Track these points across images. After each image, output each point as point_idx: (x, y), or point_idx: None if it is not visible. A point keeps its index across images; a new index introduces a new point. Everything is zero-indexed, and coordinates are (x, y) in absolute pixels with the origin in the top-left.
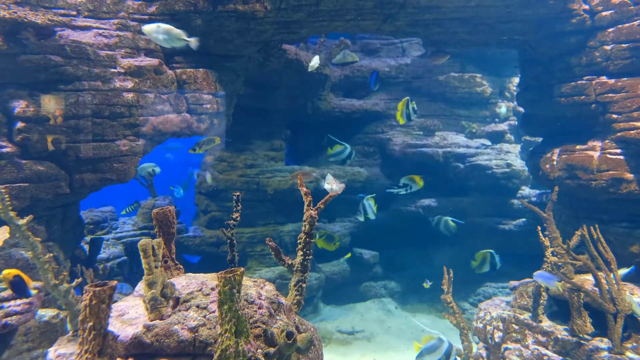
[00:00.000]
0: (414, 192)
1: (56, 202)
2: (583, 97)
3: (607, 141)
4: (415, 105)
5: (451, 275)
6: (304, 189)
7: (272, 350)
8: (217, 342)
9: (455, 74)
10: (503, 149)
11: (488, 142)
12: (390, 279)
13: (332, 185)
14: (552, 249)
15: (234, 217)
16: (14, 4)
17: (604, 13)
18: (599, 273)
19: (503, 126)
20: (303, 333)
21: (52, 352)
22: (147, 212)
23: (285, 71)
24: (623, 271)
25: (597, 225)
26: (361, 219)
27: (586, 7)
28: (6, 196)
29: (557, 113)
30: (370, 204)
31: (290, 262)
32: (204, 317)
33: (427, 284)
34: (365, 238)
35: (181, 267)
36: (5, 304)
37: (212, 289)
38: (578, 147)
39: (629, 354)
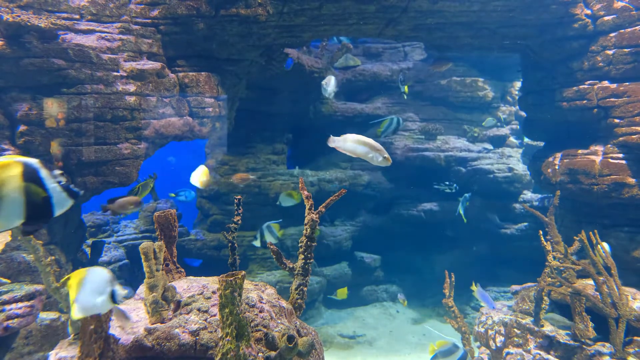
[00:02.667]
0: (415, 196)
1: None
2: (585, 101)
3: (609, 146)
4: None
5: (453, 279)
6: (306, 193)
7: (273, 353)
8: (218, 346)
9: (457, 78)
10: (505, 153)
11: (490, 146)
12: (391, 282)
13: (331, 82)
14: (553, 253)
15: (235, 220)
16: (17, 7)
17: (606, 18)
18: (600, 278)
19: (505, 130)
20: (304, 337)
21: (53, 355)
22: (148, 216)
23: (287, 75)
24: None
25: (596, 230)
26: (257, 244)
27: (588, 12)
28: None
29: (559, 117)
30: (272, 228)
31: (291, 266)
32: (205, 320)
33: (403, 300)
34: (366, 242)
35: (182, 270)
36: (7, 307)
37: (214, 292)
38: (580, 151)
39: (631, 359)
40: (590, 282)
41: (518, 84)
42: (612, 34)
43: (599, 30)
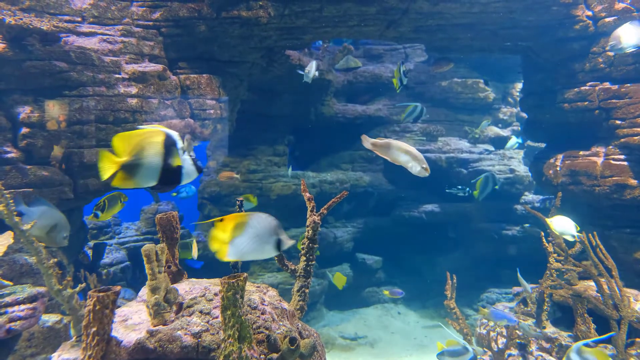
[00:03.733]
0: (416, 197)
1: (60, 207)
2: (586, 103)
3: (610, 147)
4: (406, 69)
5: (454, 280)
6: (307, 194)
7: (275, 355)
8: (221, 348)
9: (458, 80)
10: (506, 155)
11: (491, 148)
12: (393, 284)
13: (312, 68)
14: (555, 254)
15: None
16: (19, 10)
17: (607, 19)
18: (602, 279)
19: (506, 131)
20: (306, 339)
21: (55, 357)
22: (150, 218)
23: (289, 77)
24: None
25: (595, 232)
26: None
27: (589, 13)
28: (11, 201)
29: (561, 119)
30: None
31: (293, 268)
32: (207, 322)
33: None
34: (368, 243)
35: (184, 272)
36: (9, 309)
37: (216, 294)
38: (582, 152)
39: None
40: (592, 283)
41: (519, 85)
42: None
43: (600, 31)
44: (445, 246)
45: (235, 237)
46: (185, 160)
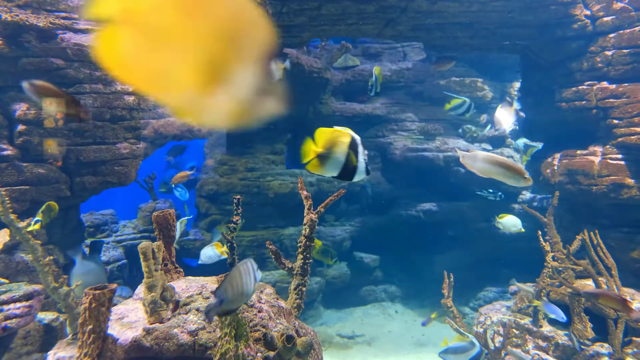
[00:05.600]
0: (414, 196)
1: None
2: (584, 102)
3: (608, 146)
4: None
5: (452, 279)
6: (305, 193)
7: (271, 353)
8: (217, 346)
9: (457, 79)
10: (504, 154)
11: (489, 147)
12: (390, 283)
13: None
14: (552, 253)
15: (234, 220)
16: (15, 7)
17: (605, 19)
18: (600, 278)
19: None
20: (303, 337)
21: (51, 355)
22: (147, 215)
23: (286, 75)
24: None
25: (597, 231)
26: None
27: (587, 12)
28: (7, 199)
29: (558, 118)
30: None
31: (290, 266)
32: (204, 320)
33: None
34: (365, 242)
35: (181, 270)
36: (5, 307)
37: (212, 292)
38: (579, 152)
39: (630, 359)
40: (589, 282)
41: (517, 85)
42: (612, 35)
43: (598, 31)
44: (442, 245)
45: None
46: (360, 162)
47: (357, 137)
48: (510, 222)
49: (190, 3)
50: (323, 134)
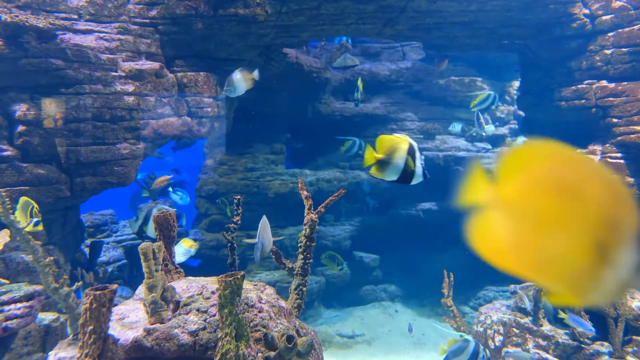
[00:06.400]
0: (414, 196)
1: (56, 205)
2: (583, 101)
3: (607, 145)
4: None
5: (452, 278)
6: (305, 193)
7: (272, 354)
8: (218, 346)
9: (456, 78)
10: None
11: (489, 146)
12: (390, 282)
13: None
14: None
15: (235, 220)
16: (15, 7)
17: (604, 17)
18: None
19: (504, 130)
20: (303, 337)
21: (52, 355)
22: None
23: (286, 75)
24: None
25: None
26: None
27: (586, 11)
28: (7, 199)
29: (558, 117)
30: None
31: (290, 266)
32: (205, 320)
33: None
34: (365, 241)
35: (181, 270)
36: (6, 308)
37: (213, 292)
38: (578, 151)
39: (630, 358)
40: None
41: (516, 84)
42: (611, 34)
43: (597, 29)
44: (443, 244)
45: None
46: (417, 167)
47: (415, 143)
48: None
49: (572, 188)
50: (383, 141)
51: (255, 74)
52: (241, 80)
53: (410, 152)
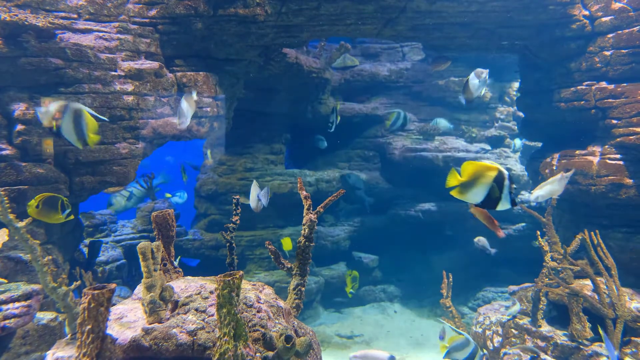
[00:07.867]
0: (413, 196)
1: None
2: (583, 102)
3: (606, 146)
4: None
5: (450, 279)
6: (304, 193)
7: (270, 354)
8: (216, 346)
9: (455, 79)
10: (503, 154)
11: (488, 147)
12: (389, 283)
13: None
14: (551, 253)
15: (233, 220)
16: (14, 6)
17: (603, 19)
18: (598, 278)
19: (501, 131)
20: (302, 337)
21: (50, 355)
22: (146, 215)
23: (286, 75)
24: None
25: (597, 231)
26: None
27: (586, 12)
28: (5, 199)
29: (557, 118)
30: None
31: (289, 266)
32: (203, 320)
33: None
34: (364, 242)
35: (180, 270)
36: (4, 307)
37: (211, 292)
38: (578, 152)
39: (628, 359)
40: (588, 282)
41: (516, 85)
42: (610, 35)
43: (596, 31)
44: (442, 245)
45: None
46: (505, 195)
47: (505, 172)
48: None
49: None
50: (470, 166)
51: (194, 95)
52: (189, 109)
53: (498, 179)
